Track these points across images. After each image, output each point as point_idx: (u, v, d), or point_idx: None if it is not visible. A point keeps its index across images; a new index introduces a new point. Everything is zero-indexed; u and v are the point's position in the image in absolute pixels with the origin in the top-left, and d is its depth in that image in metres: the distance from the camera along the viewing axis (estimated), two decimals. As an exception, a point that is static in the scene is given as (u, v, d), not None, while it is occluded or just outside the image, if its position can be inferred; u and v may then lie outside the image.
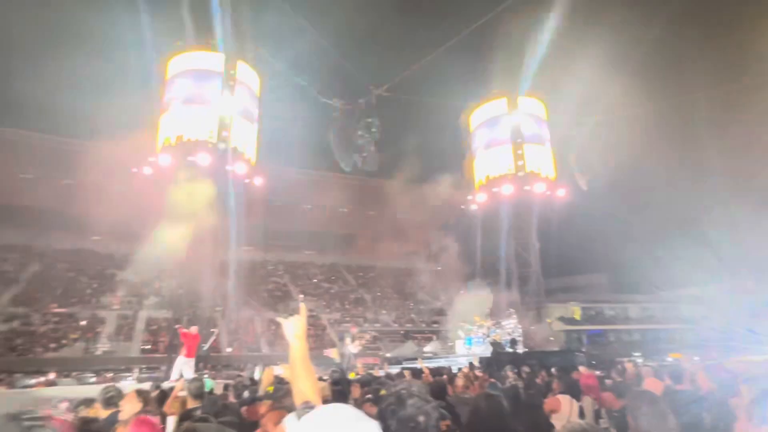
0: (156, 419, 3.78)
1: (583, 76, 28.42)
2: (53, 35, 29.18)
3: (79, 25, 28.57)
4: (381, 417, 1.51)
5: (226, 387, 8.16)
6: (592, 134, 30.82)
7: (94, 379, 19.64)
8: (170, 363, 21.25)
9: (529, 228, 33.27)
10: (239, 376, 10.46)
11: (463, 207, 36.90)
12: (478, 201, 32.82)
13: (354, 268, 54.31)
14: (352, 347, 17.62)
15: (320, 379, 7.77)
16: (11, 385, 17.56)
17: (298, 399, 1.46)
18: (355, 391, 5.59)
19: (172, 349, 22.18)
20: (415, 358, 18.74)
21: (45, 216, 39.80)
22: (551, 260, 35.66)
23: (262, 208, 43.26)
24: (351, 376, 10.62)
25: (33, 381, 18.36)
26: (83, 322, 33.57)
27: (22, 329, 31.38)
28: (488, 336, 18.87)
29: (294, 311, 1.82)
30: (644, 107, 30.11)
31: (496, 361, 15.14)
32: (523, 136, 32.05)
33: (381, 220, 51.46)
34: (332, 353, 17.76)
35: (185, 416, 4.58)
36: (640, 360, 20.23)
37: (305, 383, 1.57)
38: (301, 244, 52.24)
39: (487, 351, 17.68)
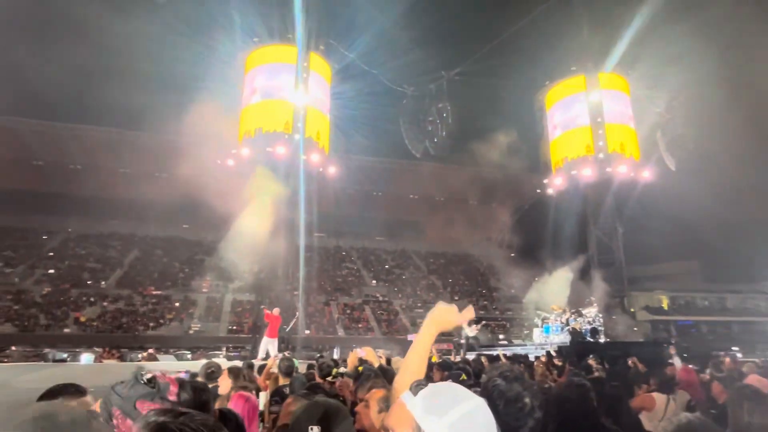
0: (252, 394, 4.14)
1: (671, 49, 26.32)
2: (142, 40, 31.71)
3: (168, 28, 30.78)
4: (487, 397, 1.59)
5: (310, 366, 8.65)
6: (681, 111, 28.57)
7: (189, 356, 21.44)
8: (255, 342, 22.80)
9: (610, 212, 31.63)
10: (321, 356, 10.99)
11: (538, 191, 35.67)
12: (554, 184, 31.63)
13: (425, 254, 54.50)
14: (470, 330, 17.74)
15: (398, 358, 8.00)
16: (122, 359, 19.67)
17: (408, 378, 1.56)
18: (436, 376, 5.73)
19: (256, 330, 23.68)
20: (491, 345, 18.64)
21: (143, 207, 43.66)
22: (635, 246, 33.76)
23: (335, 196, 44.57)
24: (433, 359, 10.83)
25: (139, 356, 20.44)
26: (177, 304, 36.71)
27: (126, 309, 34.95)
28: (567, 325, 18.31)
29: (462, 307, 1.74)
30: (739, 82, 27.38)
31: (576, 350, 14.73)
32: (604, 115, 30.30)
33: (452, 205, 51.11)
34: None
35: (277, 392, 4.94)
36: (739, 355, 18.70)
37: (419, 367, 1.65)
38: (373, 230, 53.25)
39: (565, 340, 17.20)
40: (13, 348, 23.10)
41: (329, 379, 4.94)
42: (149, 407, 1.30)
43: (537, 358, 13.62)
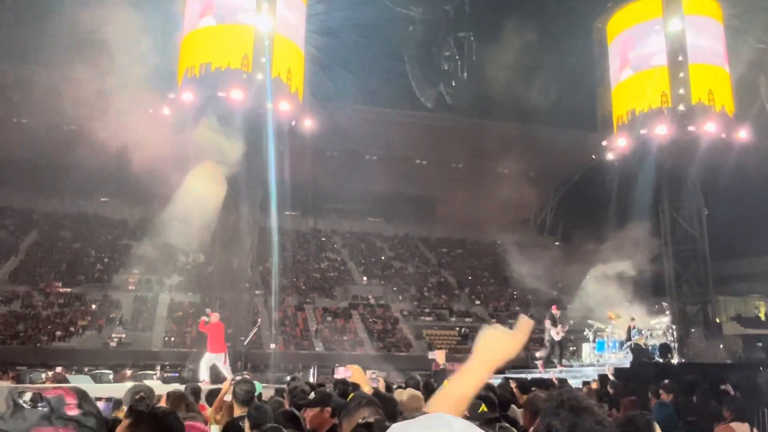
0: (205, 427, 4.19)
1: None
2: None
3: None
4: (548, 429, 1.64)
5: (278, 392, 8.76)
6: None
7: (111, 376, 21.64)
8: (200, 359, 23.00)
9: (692, 187, 31.70)
10: (293, 378, 11.11)
11: (593, 157, 35.69)
12: (616, 147, 31.59)
13: (435, 241, 54.80)
14: (554, 332, 18.17)
15: (400, 386, 8.10)
16: (18, 379, 19.84)
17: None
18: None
19: (203, 342, 23.84)
20: (525, 367, 18.90)
21: (45, 173, 43.42)
22: (725, 234, 33.90)
23: (312, 160, 44.53)
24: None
25: (42, 376, 20.58)
26: (93, 306, 36.92)
27: (23, 312, 35.11)
28: (629, 340, 18.56)
29: (516, 324, 1.63)
30: None
31: (639, 374, 14.92)
32: (687, 52, 30.11)
33: (474, 176, 51.16)
34: (438, 356, 18.39)
35: (232, 427, 5.01)
36: None
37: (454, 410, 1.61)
38: (364, 208, 53.39)
39: (625, 361, 17.46)
40: None
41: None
42: None
43: (586, 384, 13.83)
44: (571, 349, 35.18)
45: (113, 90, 26.77)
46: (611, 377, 12.71)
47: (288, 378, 14.29)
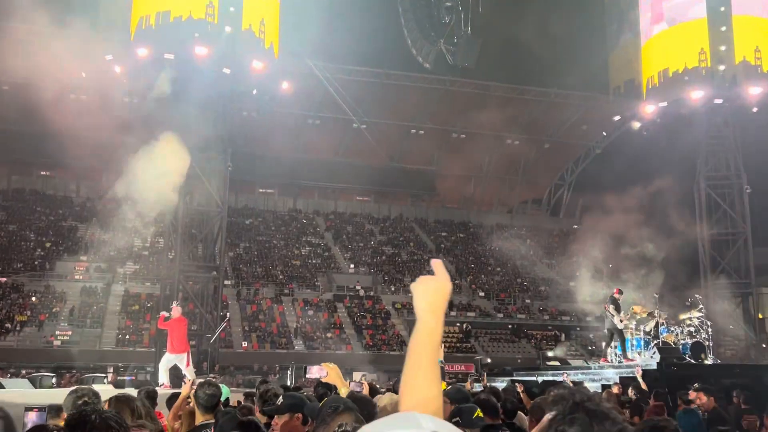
0: None
1: None
2: None
3: None
4: None
5: (248, 396, 8.78)
6: None
7: (54, 380, 21.64)
8: (159, 360, 23.01)
9: (733, 161, 31.83)
10: (264, 381, 11.16)
11: (617, 120, 35.80)
12: (644, 114, 31.60)
13: (432, 224, 54.87)
14: (617, 320, 18.22)
15: (389, 389, 8.15)
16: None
17: (410, 405, 1.60)
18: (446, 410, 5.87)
19: (162, 341, 23.87)
20: (535, 368, 19.07)
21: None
22: (769, 216, 34.10)
23: (290, 128, 44.33)
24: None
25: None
26: (33, 298, 36.78)
27: (-50, 305, 34.99)
28: (656, 337, 18.71)
29: (429, 272, 1.88)
30: None
31: (667, 376, 15.04)
32: (730, 2, 30.08)
33: (478, 148, 51.07)
34: None
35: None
36: None
37: (429, 387, 1.67)
38: (350, 185, 53.34)
39: (652, 362, 17.60)
40: None
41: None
42: None
43: (605, 387, 13.93)
44: (588, 348, 35.63)
45: (55, 43, 26.45)
46: (640, 380, 12.77)
47: (260, 380, 14.34)
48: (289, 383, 20.37)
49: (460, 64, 26.42)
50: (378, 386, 9.76)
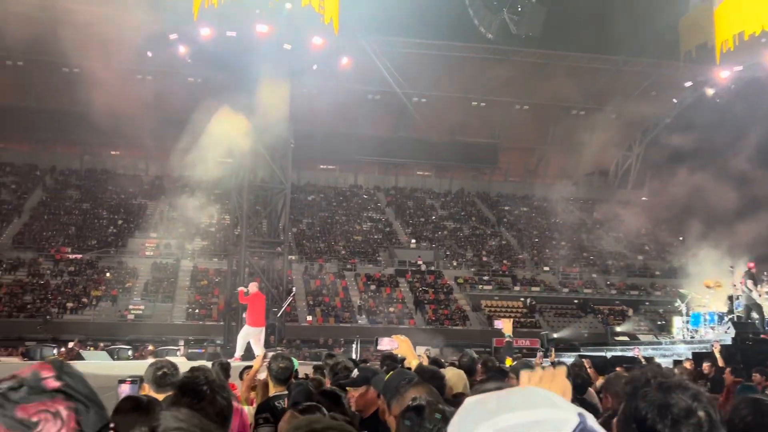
0: (238, 405, 4.25)
1: None
2: None
3: None
4: (635, 414, 1.64)
5: (316, 369, 8.85)
6: None
7: (130, 353, 22.38)
8: (229, 333, 23.54)
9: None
10: (331, 355, 11.24)
11: (689, 89, 34.60)
12: (718, 79, 30.45)
13: (494, 197, 54.36)
14: (756, 294, 17.98)
15: (452, 364, 8.10)
16: (27, 355, 20.65)
17: None
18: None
19: (230, 314, 24.40)
20: (603, 343, 18.83)
21: (46, 123, 44.49)
22: None
23: (349, 103, 44.32)
24: (507, 363, 10.96)
25: (54, 351, 21.35)
26: (107, 274, 38.05)
27: (30, 282, 36.44)
28: (731, 312, 18.21)
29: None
30: None
31: (745, 353, 14.67)
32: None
33: (542, 119, 50.22)
34: (505, 325, 18.31)
35: (266, 407, 5.08)
36: None
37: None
38: (411, 160, 53.35)
39: (726, 337, 17.20)
40: None
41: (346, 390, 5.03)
42: (37, 408, 1.40)
43: (678, 363, 13.63)
44: (658, 323, 34.88)
45: (121, 24, 27.03)
46: (718, 355, 12.41)
47: (326, 353, 14.48)
48: (353, 356, 20.60)
49: (525, 33, 25.82)
50: (443, 360, 9.74)
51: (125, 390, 4.50)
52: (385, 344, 5.60)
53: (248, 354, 14.65)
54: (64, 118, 43.46)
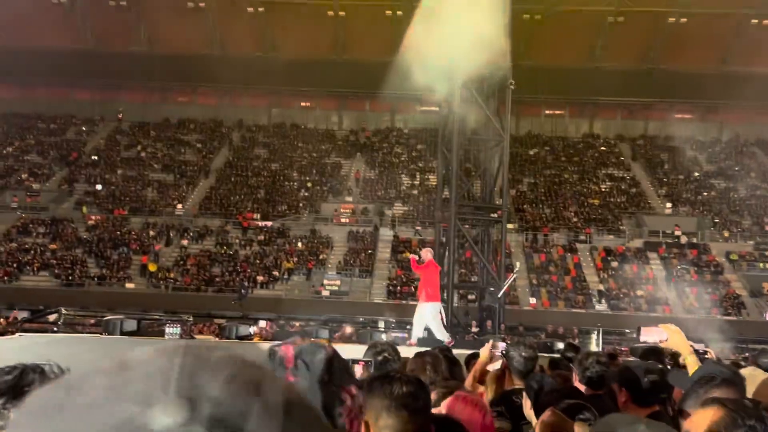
0: (481, 400, 4.39)
1: None
2: None
3: None
4: None
5: (553, 364, 8.90)
6: None
7: (327, 333, 23.41)
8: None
9: None
10: (574, 346, 11.12)
11: None
12: None
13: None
14: None
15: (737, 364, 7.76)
16: (221, 334, 22.37)
17: None
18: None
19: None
20: None
21: (232, 70, 47.56)
22: None
23: (581, 29, 43.05)
24: None
25: (251, 330, 22.79)
26: (300, 244, 40.22)
27: (218, 252, 39.54)
28: None
29: None
30: None
31: None
32: None
33: None
34: None
35: (504, 400, 5.21)
36: None
37: None
38: (664, 99, 50.98)
39: None
40: (64, 311, 27.69)
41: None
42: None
43: None
44: None
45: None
46: None
47: (562, 345, 14.32)
48: (596, 348, 20.25)
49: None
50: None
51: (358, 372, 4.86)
52: (651, 334, 5.51)
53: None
54: (252, 63, 45.96)
